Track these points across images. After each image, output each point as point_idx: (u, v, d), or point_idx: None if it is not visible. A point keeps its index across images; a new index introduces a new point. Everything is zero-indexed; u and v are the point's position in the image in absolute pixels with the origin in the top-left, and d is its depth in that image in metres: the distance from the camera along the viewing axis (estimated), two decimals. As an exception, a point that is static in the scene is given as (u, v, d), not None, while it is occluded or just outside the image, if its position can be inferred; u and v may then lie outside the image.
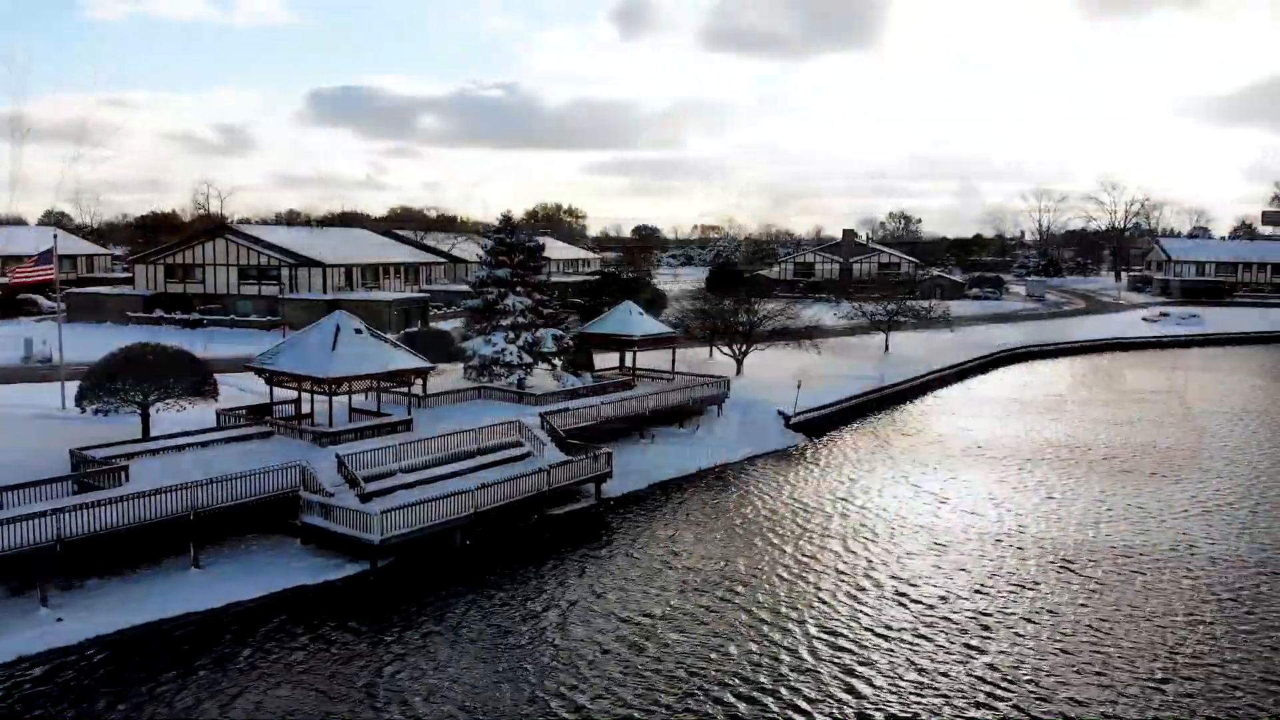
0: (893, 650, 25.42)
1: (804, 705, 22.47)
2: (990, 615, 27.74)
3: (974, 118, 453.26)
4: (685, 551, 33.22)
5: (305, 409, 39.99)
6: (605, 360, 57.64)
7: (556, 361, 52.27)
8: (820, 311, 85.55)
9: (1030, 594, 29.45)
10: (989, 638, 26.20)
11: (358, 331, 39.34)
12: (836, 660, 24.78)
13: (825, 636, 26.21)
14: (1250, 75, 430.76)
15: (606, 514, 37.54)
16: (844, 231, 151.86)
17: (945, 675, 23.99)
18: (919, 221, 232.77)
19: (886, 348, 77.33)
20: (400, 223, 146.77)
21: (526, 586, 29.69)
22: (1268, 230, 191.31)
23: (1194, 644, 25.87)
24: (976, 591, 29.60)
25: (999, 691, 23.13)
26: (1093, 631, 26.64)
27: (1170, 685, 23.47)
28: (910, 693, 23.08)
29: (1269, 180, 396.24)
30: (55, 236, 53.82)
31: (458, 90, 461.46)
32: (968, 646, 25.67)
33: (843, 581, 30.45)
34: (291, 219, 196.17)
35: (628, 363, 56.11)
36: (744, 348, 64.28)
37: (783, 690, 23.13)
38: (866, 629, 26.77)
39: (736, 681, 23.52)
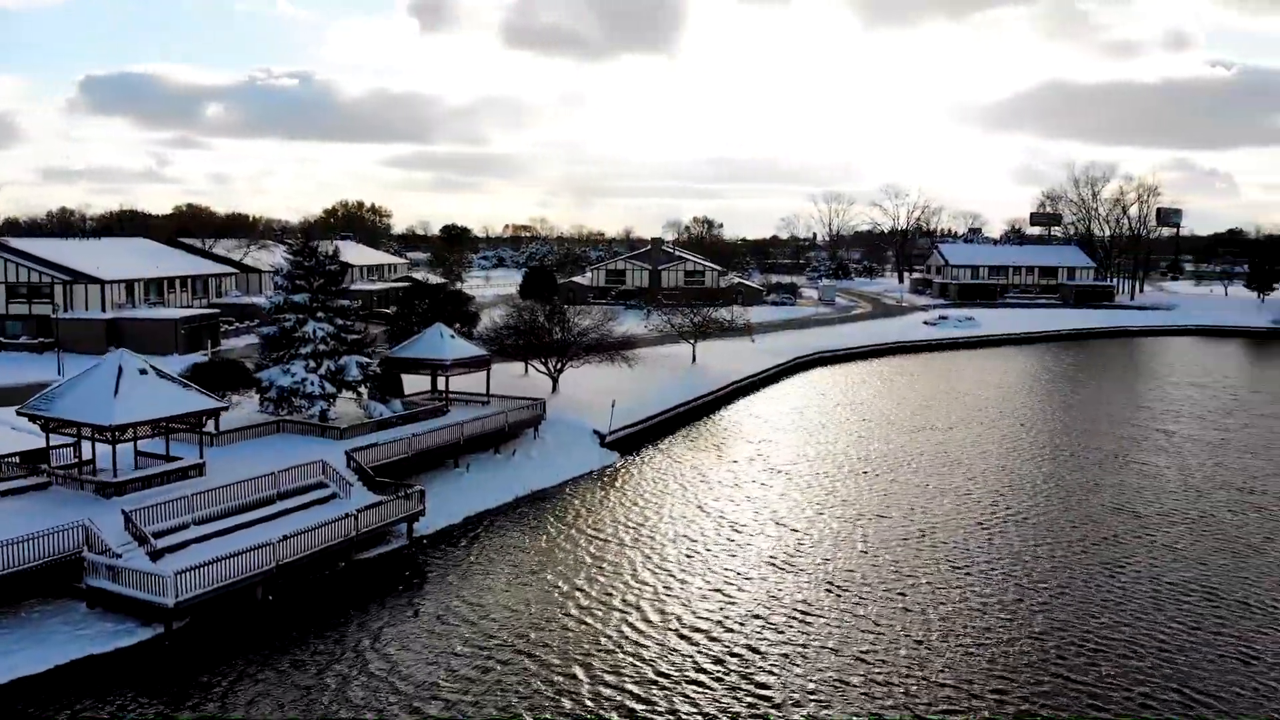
0: (679, 692, 26.52)
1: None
2: (773, 649, 29.18)
3: (766, 121, 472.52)
4: (492, 596, 33.38)
5: (87, 453, 37.46)
6: (415, 384, 56.54)
7: (362, 390, 50.77)
8: (632, 324, 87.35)
9: (811, 622, 31.17)
10: (773, 673, 27.65)
11: (142, 371, 37.22)
12: (629, 705, 25.67)
13: (620, 682, 27.07)
14: (1016, 84, 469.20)
15: (419, 554, 37.21)
16: (653, 240, 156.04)
17: (729, 715, 25.24)
18: (720, 226, 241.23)
19: (694, 358, 79.77)
20: (187, 223, 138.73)
21: (331, 643, 29.16)
22: (1036, 230, 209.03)
23: (978, 667, 28.29)
24: (762, 623, 31.07)
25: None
26: (869, 660, 28.62)
27: (941, 711, 25.62)
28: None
29: (1036, 183, 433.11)
30: None
31: (246, 79, 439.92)
32: (751, 682, 27.05)
33: (634, 618, 31.35)
34: (64, 219, 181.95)
35: (440, 386, 55.23)
36: (559, 364, 64.68)
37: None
38: (654, 672, 27.63)
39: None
